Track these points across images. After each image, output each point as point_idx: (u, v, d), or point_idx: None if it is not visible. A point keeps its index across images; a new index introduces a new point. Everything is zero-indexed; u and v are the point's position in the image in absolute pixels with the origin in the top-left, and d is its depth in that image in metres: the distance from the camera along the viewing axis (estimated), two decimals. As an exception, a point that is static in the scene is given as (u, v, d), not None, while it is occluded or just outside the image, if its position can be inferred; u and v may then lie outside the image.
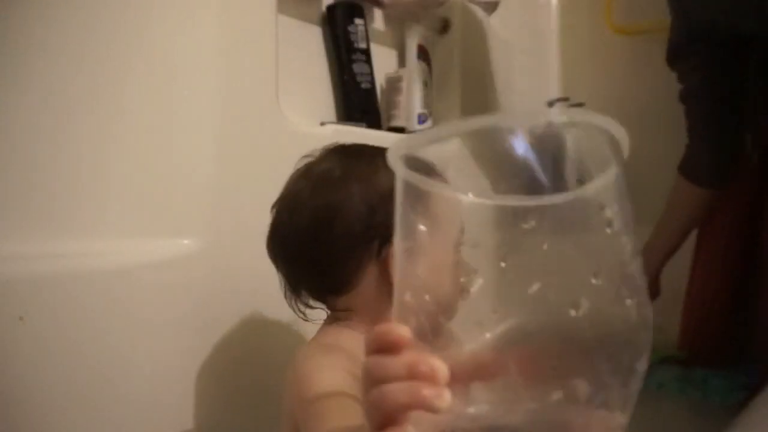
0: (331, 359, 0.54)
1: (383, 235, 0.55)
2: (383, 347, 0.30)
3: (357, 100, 1.10)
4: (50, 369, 0.61)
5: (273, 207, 0.61)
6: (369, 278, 0.56)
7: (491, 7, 1.45)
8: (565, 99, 1.65)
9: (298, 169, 0.61)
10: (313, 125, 0.98)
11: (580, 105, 1.61)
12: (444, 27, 1.32)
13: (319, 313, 0.63)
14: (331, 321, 0.61)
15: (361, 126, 1.06)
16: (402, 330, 0.30)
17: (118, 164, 0.73)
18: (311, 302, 0.62)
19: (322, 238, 0.56)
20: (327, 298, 0.60)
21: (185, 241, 0.75)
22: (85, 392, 0.64)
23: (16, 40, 0.67)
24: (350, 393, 0.50)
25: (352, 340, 0.57)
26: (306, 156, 0.62)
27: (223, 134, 0.79)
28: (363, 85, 1.10)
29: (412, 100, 1.21)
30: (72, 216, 0.69)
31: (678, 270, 1.15)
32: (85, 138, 0.71)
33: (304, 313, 0.62)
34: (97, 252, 0.69)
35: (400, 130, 1.20)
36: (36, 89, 0.68)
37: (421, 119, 1.21)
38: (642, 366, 0.28)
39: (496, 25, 1.49)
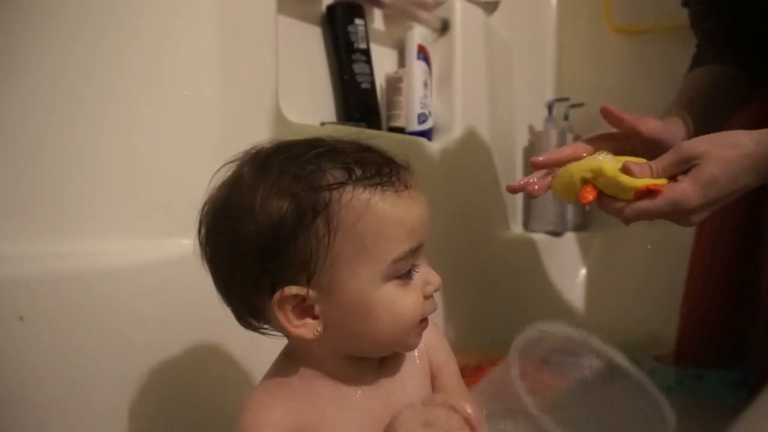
0: (274, 413, 0.50)
1: (272, 276, 0.48)
2: None
3: (357, 100, 1.10)
4: (50, 369, 0.61)
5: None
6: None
7: (491, 7, 1.45)
8: (565, 99, 1.65)
9: (223, 181, 0.53)
10: (313, 125, 0.98)
11: (579, 105, 1.61)
12: (444, 27, 1.32)
13: None
14: (286, 349, 0.55)
15: (361, 126, 1.06)
16: None
17: (118, 164, 0.73)
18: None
19: (216, 272, 0.52)
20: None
21: (185, 241, 0.74)
22: (85, 392, 0.64)
23: (15, 41, 0.67)
24: None
25: (299, 378, 0.52)
26: (231, 161, 0.54)
27: (223, 134, 0.79)
28: (363, 85, 1.10)
29: (412, 100, 1.21)
30: (72, 216, 0.69)
31: (676, 269, 1.15)
32: (85, 138, 0.71)
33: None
34: (97, 252, 0.69)
35: (400, 130, 1.20)
36: (36, 89, 0.68)
37: (421, 119, 1.21)
38: None
39: (496, 25, 1.49)
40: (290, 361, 0.53)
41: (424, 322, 0.52)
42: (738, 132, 0.68)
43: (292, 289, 0.48)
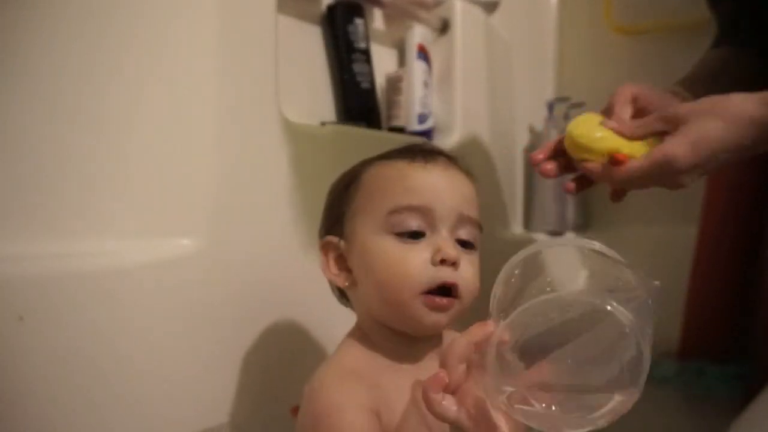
0: (350, 395, 0.52)
1: (326, 227, 0.61)
2: None
3: (357, 100, 1.10)
4: (50, 369, 0.61)
5: None
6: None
7: (491, 7, 1.45)
8: (565, 99, 1.65)
9: None
10: (313, 125, 0.98)
11: (580, 105, 1.61)
12: (444, 27, 1.32)
13: None
14: (349, 333, 0.60)
15: (361, 126, 1.06)
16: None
17: (117, 164, 0.73)
18: None
19: None
20: None
21: (185, 241, 0.75)
22: (84, 392, 0.64)
23: (15, 41, 0.67)
24: None
25: (362, 360, 0.55)
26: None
27: (223, 134, 0.79)
28: (363, 85, 1.10)
29: (412, 100, 1.21)
30: (71, 216, 0.69)
31: (676, 269, 1.15)
32: (85, 138, 0.71)
33: None
34: (97, 252, 0.69)
35: (399, 130, 1.20)
36: (35, 89, 0.68)
37: (421, 119, 1.21)
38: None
39: (496, 25, 1.49)
40: (351, 344, 0.57)
41: (434, 296, 0.52)
42: (733, 94, 0.61)
43: (329, 237, 0.58)
